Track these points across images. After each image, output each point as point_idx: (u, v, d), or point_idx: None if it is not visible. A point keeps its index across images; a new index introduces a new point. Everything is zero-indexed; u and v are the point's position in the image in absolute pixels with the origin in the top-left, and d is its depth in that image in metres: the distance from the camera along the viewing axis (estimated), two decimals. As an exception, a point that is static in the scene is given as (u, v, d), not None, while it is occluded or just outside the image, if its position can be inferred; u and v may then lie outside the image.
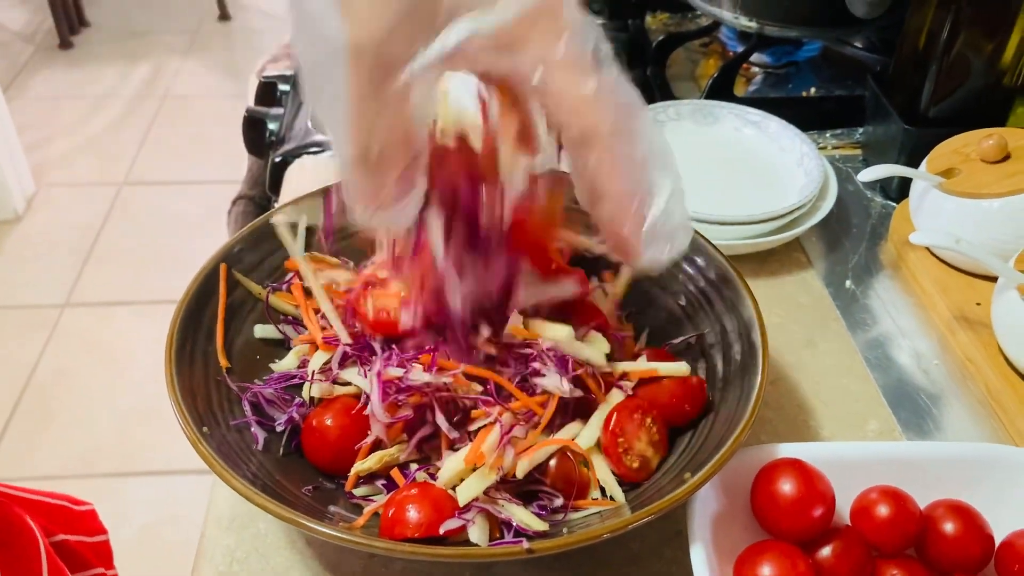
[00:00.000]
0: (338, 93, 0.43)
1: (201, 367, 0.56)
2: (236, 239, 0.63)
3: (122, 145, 2.79)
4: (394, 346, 0.56)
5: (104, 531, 0.80)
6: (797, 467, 0.53)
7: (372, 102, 0.43)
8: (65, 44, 3.22)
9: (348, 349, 0.57)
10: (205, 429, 0.51)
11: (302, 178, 0.91)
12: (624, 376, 0.57)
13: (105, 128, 2.87)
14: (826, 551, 0.52)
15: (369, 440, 0.54)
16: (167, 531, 1.76)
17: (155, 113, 2.95)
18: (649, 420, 0.55)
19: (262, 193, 1.11)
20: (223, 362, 0.58)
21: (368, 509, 0.52)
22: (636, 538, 0.58)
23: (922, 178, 0.76)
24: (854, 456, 0.56)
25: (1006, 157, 0.75)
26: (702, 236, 0.63)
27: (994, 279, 0.72)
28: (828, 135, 0.95)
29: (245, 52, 3.25)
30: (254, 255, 0.64)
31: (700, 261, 0.63)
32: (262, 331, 0.62)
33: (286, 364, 0.60)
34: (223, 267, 0.61)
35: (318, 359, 0.58)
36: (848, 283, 0.79)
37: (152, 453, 1.90)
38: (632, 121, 0.45)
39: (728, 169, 0.86)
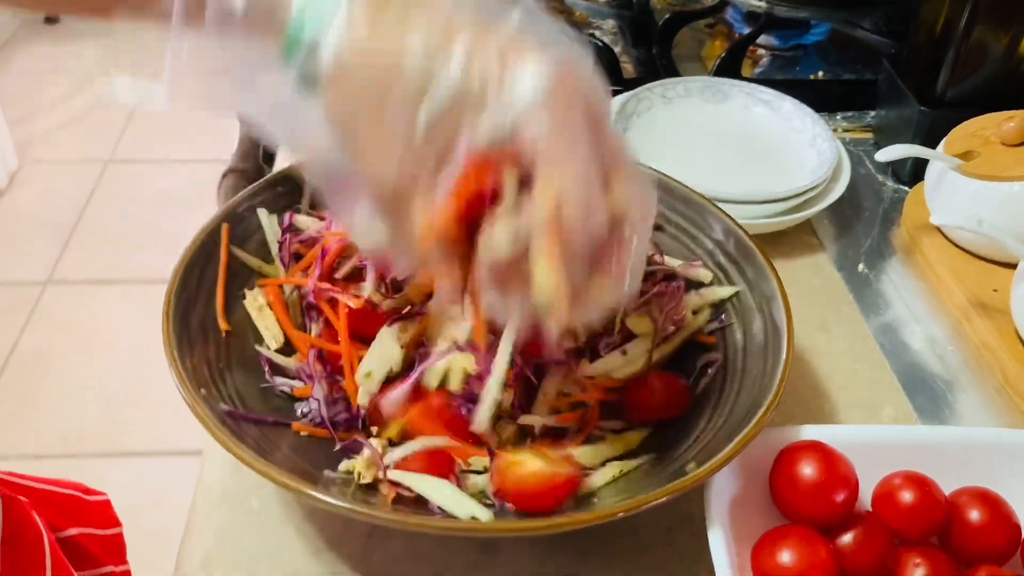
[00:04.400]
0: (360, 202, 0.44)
1: (199, 330, 0.53)
2: (240, 198, 0.60)
3: (108, 122, 2.74)
4: None
5: (118, 523, 0.77)
6: (819, 450, 0.51)
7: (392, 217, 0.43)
8: (51, 18, 3.16)
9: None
10: (203, 391, 0.48)
11: (298, 149, 0.88)
12: None
13: (91, 105, 2.82)
14: (847, 537, 0.50)
15: None
16: (152, 512, 1.72)
17: (142, 91, 2.90)
18: None
19: (254, 166, 1.08)
20: (223, 325, 0.55)
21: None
22: (645, 522, 0.55)
23: (940, 160, 0.74)
24: (876, 440, 0.53)
25: (1027, 140, 0.73)
26: (722, 210, 0.61)
27: (1012, 266, 0.70)
28: (839, 117, 0.93)
29: (235, 32, 3.20)
30: (255, 220, 0.61)
31: (719, 235, 0.61)
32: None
33: None
34: (225, 227, 0.58)
35: None
36: (861, 267, 0.77)
37: (135, 434, 1.87)
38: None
39: (737, 148, 0.83)
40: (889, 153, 0.72)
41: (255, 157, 1.01)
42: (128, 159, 2.61)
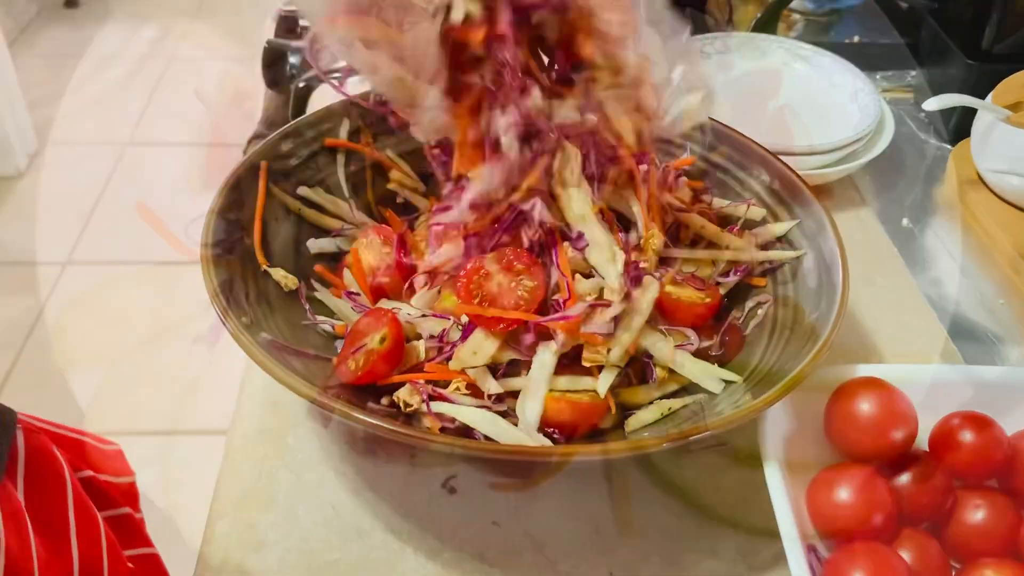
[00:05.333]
0: None
1: (239, 267, 0.52)
2: (279, 135, 0.59)
3: (127, 105, 2.74)
4: None
5: (131, 472, 0.76)
6: (877, 386, 0.49)
7: None
8: (71, 2, 3.16)
9: None
10: (245, 320, 0.47)
11: (325, 104, 0.87)
12: None
13: (110, 88, 2.82)
14: (904, 478, 0.48)
15: None
16: (170, 491, 1.72)
17: (161, 74, 2.89)
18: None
19: (281, 129, 1.07)
20: (261, 260, 0.53)
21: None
22: (692, 469, 0.54)
23: (989, 110, 0.72)
24: (935, 379, 0.52)
25: (1078, 91, 0.71)
26: (765, 148, 0.59)
27: (1063, 217, 0.68)
28: (879, 77, 0.91)
29: (253, 16, 3.19)
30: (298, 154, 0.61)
31: (764, 175, 0.59)
32: (317, 246, 0.58)
33: None
34: (264, 164, 0.57)
35: None
36: (905, 221, 0.75)
37: (153, 414, 1.86)
38: None
39: (778, 103, 0.81)
40: (938, 102, 0.70)
41: (282, 122, 0.99)
42: (147, 142, 2.61)
